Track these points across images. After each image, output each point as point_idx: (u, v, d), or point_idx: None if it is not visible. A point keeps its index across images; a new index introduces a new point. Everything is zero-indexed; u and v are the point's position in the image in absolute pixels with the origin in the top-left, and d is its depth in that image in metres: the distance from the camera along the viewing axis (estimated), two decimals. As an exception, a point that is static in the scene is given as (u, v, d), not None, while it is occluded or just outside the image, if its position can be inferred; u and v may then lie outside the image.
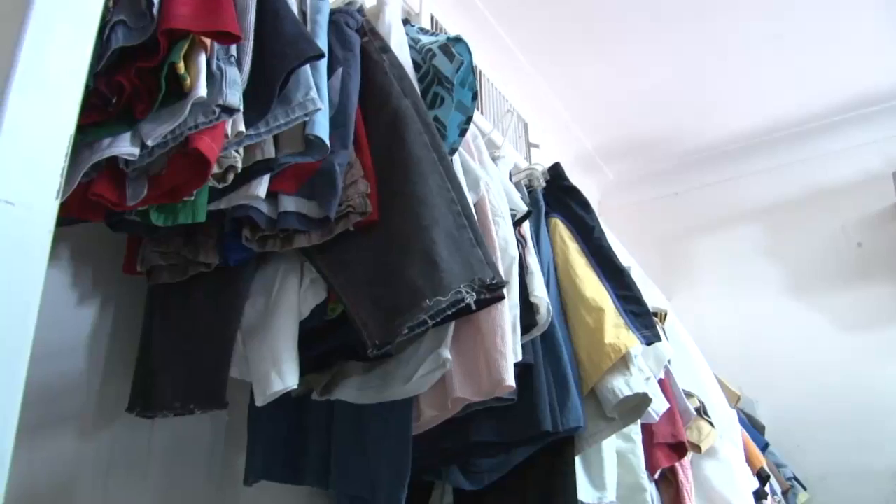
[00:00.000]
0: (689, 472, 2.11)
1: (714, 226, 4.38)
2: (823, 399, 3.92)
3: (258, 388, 1.15)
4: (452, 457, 1.53)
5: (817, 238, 4.14)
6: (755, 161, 4.33)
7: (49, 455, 1.31)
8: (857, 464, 3.81)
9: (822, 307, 4.06)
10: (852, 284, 4.03)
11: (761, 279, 4.18)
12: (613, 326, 1.64)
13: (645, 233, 4.27)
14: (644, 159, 4.34)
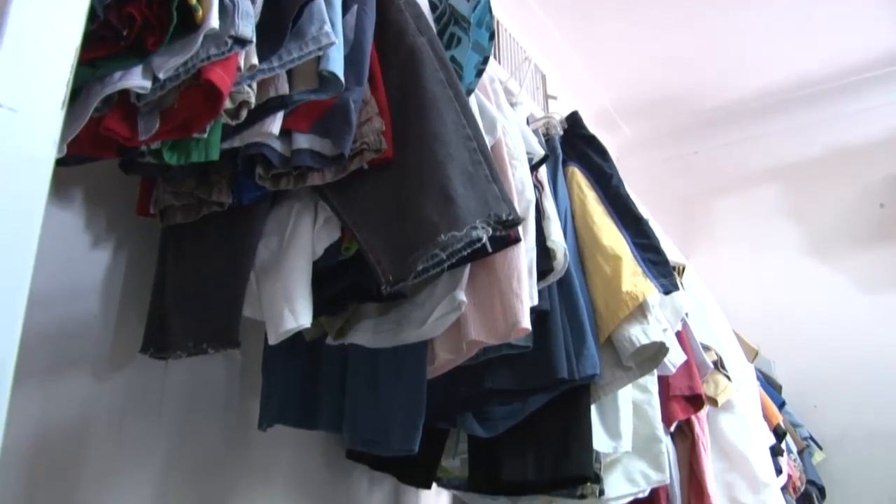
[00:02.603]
0: (704, 426, 2.09)
1: (734, 185, 4.33)
2: (842, 360, 3.89)
3: (271, 326, 1.14)
4: (467, 404, 1.52)
5: (839, 198, 4.09)
6: (776, 120, 4.27)
7: (63, 397, 1.31)
8: (874, 425, 3.79)
9: (842, 268, 4.02)
10: (874, 245, 3.98)
11: (781, 239, 4.14)
12: (631, 274, 1.61)
13: (664, 192, 4.22)
14: (663, 118, 4.28)
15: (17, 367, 1.24)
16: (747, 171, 4.30)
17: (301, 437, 1.69)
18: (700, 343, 2.09)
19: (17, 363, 1.19)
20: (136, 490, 1.39)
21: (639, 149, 4.43)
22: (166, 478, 1.44)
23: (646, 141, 4.42)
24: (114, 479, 1.36)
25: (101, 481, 1.34)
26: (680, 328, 1.95)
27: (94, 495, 1.33)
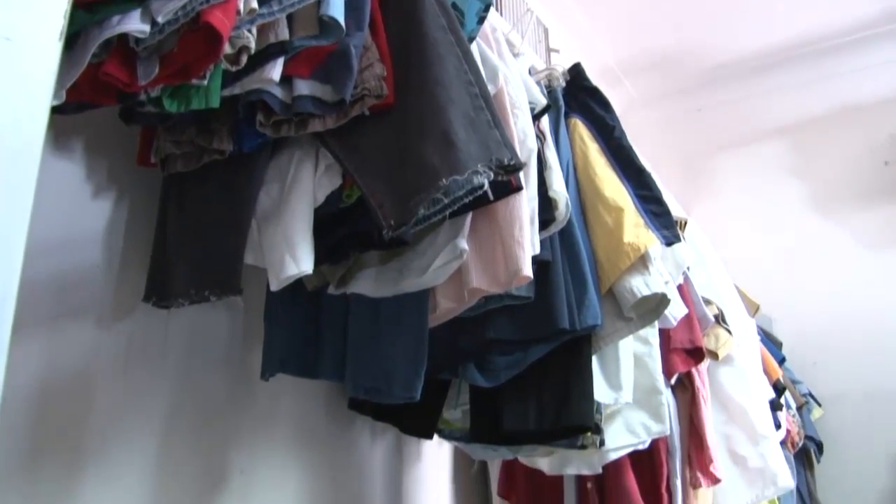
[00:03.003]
0: (705, 379, 2.10)
1: (738, 143, 4.31)
2: (843, 318, 3.91)
3: (273, 272, 1.14)
4: (469, 354, 1.53)
5: (843, 156, 4.07)
6: (781, 77, 4.23)
7: (67, 345, 1.32)
8: (873, 382, 3.81)
9: (846, 225, 4.02)
10: (878, 203, 3.97)
11: (785, 197, 4.13)
12: (633, 226, 1.61)
13: (667, 149, 4.20)
14: (667, 74, 4.24)
15: (21, 315, 1.24)
16: (751, 129, 4.27)
17: (303, 387, 1.70)
18: (701, 297, 2.09)
19: (21, 311, 1.20)
20: (141, 438, 1.41)
21: (642, 106, 4.39)
22: (170, 426, 1.46)
23: (649, 98, 4.39)
24: (119, 426, 1.37)
25: (107, 428, 1.36)
26: (681, 281, 1.95)
27: (100, 442, 1.34)
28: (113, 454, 1.36)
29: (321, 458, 1.76)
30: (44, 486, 1.24)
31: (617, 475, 1.98)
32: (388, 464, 1.98)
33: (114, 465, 1.35)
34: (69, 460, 1.29)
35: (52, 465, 1.26)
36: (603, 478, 1.99)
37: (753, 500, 2.18)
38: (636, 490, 1.98)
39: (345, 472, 1.83)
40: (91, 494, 1.30)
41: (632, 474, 1.99)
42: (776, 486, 2.17)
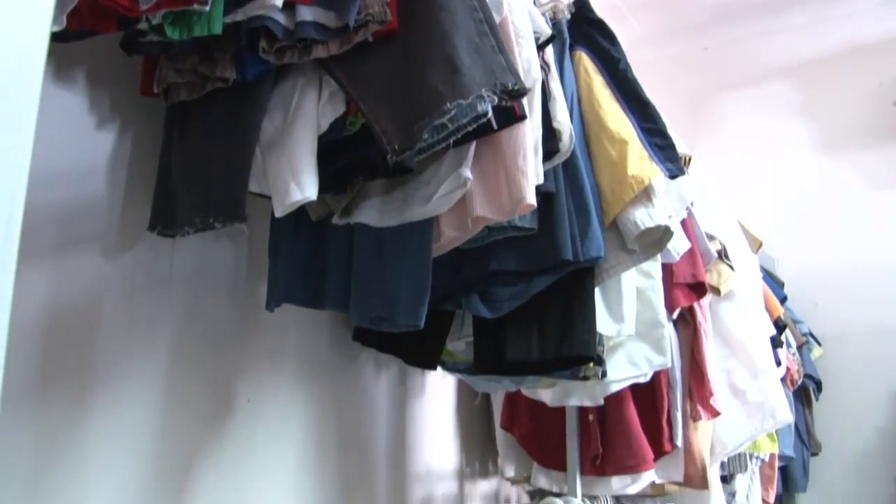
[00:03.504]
0: (706, 314, 2.12)
1: (744, 82, 4.27)
2: (846, 258, 3.92)
3: (277, 199, 1.14)
4: (472, 286, 1.54)
5: (851, 96, 4.04)
6: (788, 16, 4.16)
7: (73, 275, 1.33)
8: (875, 322, 3.84)
9: (852, 166, 4.00)
10: (884, 144, 3.95)
11: (790, 137, 4.11)
12: (637, 158, 1.61)
13: (672, 89, 4.16)
14: (673, 11, 4.18)
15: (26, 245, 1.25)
16: (758, 68, 4.23)
17: (308, 320, 1.72)
18: (704, 232, 2.10)
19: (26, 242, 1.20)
20: (148, 366, 1.42)
21: (647, 43, 4.33)
22: (177, 355, 1.47)
23: (655, 35, 4.33)
24: (126, 355, 1.39)
25: (114, 357, 1.37)
26: (685, 216, 1.95)
27: (108, 371, 1.36)
28: (120, 383, 1.38)
29: (326, 388, 1.78)
30: (53, 413, 1.27)
31: (618, 408, 2.01)
32: (392, 396, 2.01)
33: (121, 393, 1.37)
34: (77, 388, 1.31)
35: (61, 392, 1.28)
36: (604, 410, 2.02)
37: (752, 433, 2.21)
38: (637, 422, 2.01)
39: (349, 403, 1.86)
40: (99, 422, 1.33)
41: (633, 407, 2.02)
42: (775, 420, 2.20)
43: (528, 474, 2.22)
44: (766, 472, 3.05)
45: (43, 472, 1.24)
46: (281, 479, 1.65)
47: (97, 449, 1.32)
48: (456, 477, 2.24)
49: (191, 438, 1.48)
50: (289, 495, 1.66)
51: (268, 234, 1.54)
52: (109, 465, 1.33)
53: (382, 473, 1.94)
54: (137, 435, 1.39)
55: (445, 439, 2.22)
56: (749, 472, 2.79)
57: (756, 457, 2.63)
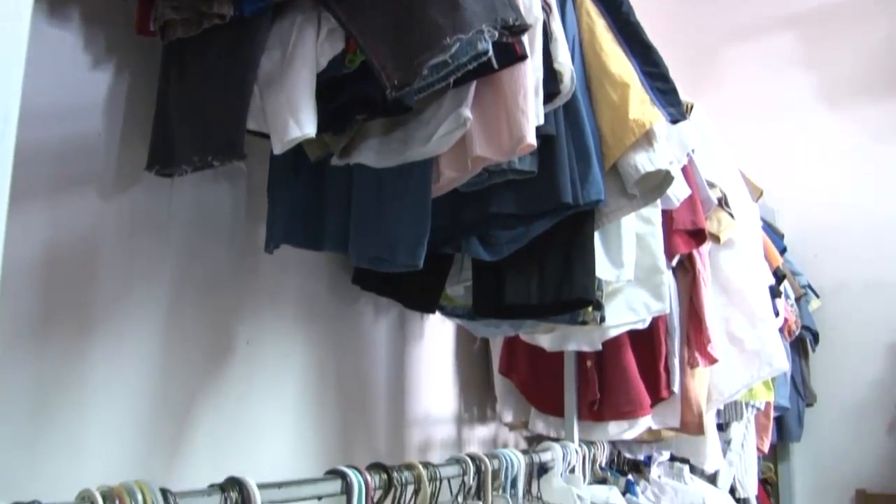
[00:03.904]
0: (706, 261, 2.12)
1: (747, 32, 4.23)
2: (847, 211, 3.92)
3: (275, 135, 1.13)
4: (471, 229, 1.54)
5: (855, 48, 4.00)
6: (792, -35, 4.13)
7: (70, 215, 1.32)
8: (873, 274, 3.85)
9: (855, 118, 3.98)
10: (889, 97, 3.92)
11: (793, 88, 4.08)
12: (639, 102, 1.59)
13: (672, 38, 4.11)
14: (676, -40, 4.13)
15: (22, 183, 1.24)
16: (761, 18, 4.18)
17: (307, 262, 1.72)
18: (705, 179, 2.09)
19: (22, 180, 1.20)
20: (147, 307, 1.42)
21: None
22: (176, 296, 1.47)
23: (657, -15, 4.29)
24: (125, 296, 1.39)
25: (113, 297, 1.37)
26: (685, 163, 1.94)
27: (107, 311, 1.36)
28: (119, 323, 1.38)
29: (325, 332, 1.79)
30: (53, 352, 1.27)
31: (616, 354, 2.02)
32: (392, 341, 2.01)
33: (121, 334, 1.38)
34: (77, 328, 1.31)
35: (61, 332, 1.29)
36: (602, 356, 2.03)
37: (749, 380, 2.23)
38: (635, 368, 2.02)
39: (348, 346, 1.87)
40: (99, 363, 1.33)
41: (631, 353, 2.03)
42: (771, 367, 2.22)
43: (526, 420, 2.24)
44: (762, 420, 3.09)
45: (44, 410, 1.25)
46: (280, 421, 1.66)
47: (97, 390, 1.33)
48: (454, 421, 2.26)
49: (190, 380, 1.49)
50: (288, 437, 1.67)
51: (266, 177, 1.53)
52: (109, 406, 1.34)
53: (381, 417, 1.96)
54: (137, 376, 1.40)
55: (444, 384, 2.23)
56: (745, 420, 2.82)
57: (752, 405, 2.65)
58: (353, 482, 1.18)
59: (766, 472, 3.73)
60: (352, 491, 1.18)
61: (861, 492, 3.85)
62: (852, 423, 3.87)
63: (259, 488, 1.03)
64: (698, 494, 2.28)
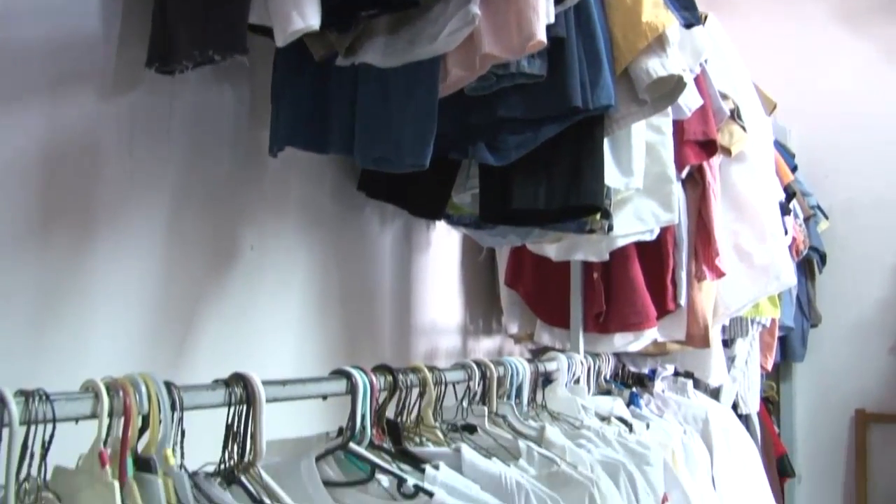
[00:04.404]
0: (716, 173, 2.10)
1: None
2: (859, 129, 3.86)
3: (278, 27, 1.10)
4: (479, 133, 1.51)
5: (875, -38, 3.89)
6: None
7: (71, 114, 1.29)
8: (884, 194, 3.82)
9: (872, 37, 3.89)
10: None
11: (808, 4, 3.99)
12: (652, 5, 1.55)
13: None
14: None
15: (18, 81, 1.21)
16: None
17: (312, 167, 1.69)
18: (717, 90, 2.05)
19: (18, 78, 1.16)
20: (149, 211, 1.40)
21: None
22: (179, 201, 1.46)
23: None
24: (127, 200, 1.37)
25: (115, 201, 1.35)
26: (698, 72, 1.90)
27: (109, 215, 1.34)
28: (120, 227, 1.36)
29: (330, 239, 1.78)
30: (55, 254, 1.25)
31: (623, 266, 2.01)
32: (397, 250, 2.00)
33: (122, 238, 1.36)
34: (77, 231, 1.29)
35: (62, 236, 1.27)
36: (609, 268, 2.02)
37: (756, 295, 2.22)
38: (642, 281, 2.02)
39: (354, 255, 1.86)
40: (101, 268, 1.31)
41: (638, 265, 2.02)
42: (779, 282, 2.21)
43: (531, 332, 2.24)
44: (766, 339, 3.09)
45: (46, 312, 1.24)
46: (284, 327, 1.66)
47: (99, 293, 1.32)
48: (459, 332, 2.27)
49: (193, 284, 1.48)
50: (292, 343, 1.67)
51: (269, 80, 1.50)
52: (112, 310, 1.33)
53: (387, 326, 1.96)
54: (140, 280, 1.39)
55: (450, 295, 2.23)
56: (749, 337, 2.82)
57: (757, 322, 2.65)
58: (357, 382, 1.18)
59: (768, 390, 3.77)
60: (356, 391, 1.17)
61: (861, 411, 3.89)
62: (855, 343, 3.89)
63: (263, 385, 1.03)
64: (701, 409, 2.29)
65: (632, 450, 1.63)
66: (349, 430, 1.17)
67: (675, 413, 2.24)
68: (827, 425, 3.95)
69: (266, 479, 1.02)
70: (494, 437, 1.42)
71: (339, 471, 1.16)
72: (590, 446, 1.54)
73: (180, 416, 0.93)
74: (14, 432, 0.77)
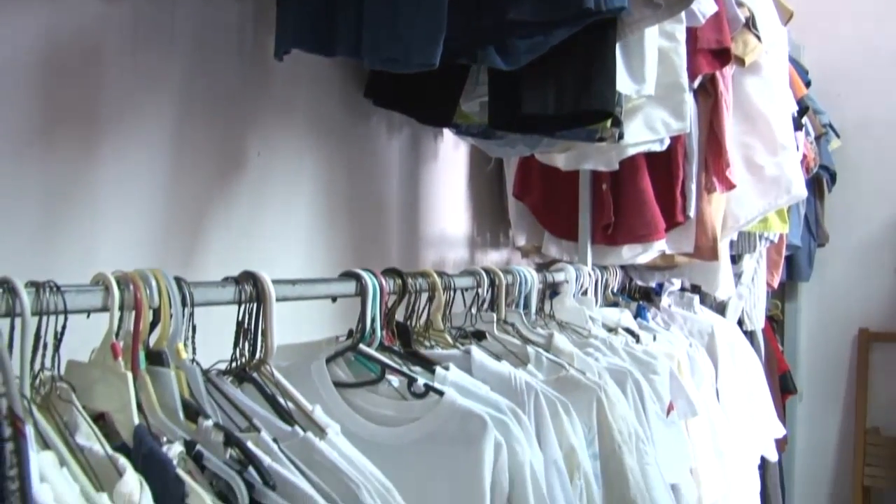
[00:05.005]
0: (728, 84, 2.06)
1: None
2: (875, 50, 3.80)
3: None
4: (488, 36, 1.47)
5: None
6: None
7: (72, 14, 1.26)
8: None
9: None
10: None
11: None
12: None
13: None
14: None
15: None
16: None
17: (319, 73, 1.67)
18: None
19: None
20: (154, 118, 1.38)
21: None
22: (184, 107, 1.43)
23: None
24: (131, 106, 1.34)
25: (119, 107, 1.32)
26: (712, -22, 1.85)
27: (113, 122, 1.31)
28: (127, 134, 1.34)
29: (337, 148, 1.76)
30: (60, 160, 1.24)
31: (632, 177, 1.99)
32: (405, 160, 1.98)
33: (127, 143, 1.34)
34: (83, 135, 1.28)
35: (67, 140, 1.25)
36: (618, 179, 2.01)
37: (766, 207, 2.21)
38: (651, 192, 2.00)
39: (361, 164, 1.84)
40: (107, 173, 1.30)
41: (647, 176, 2.00)
42: (790, 195, 2.19)
43: (539, 244, 2.24)
44: (773, 256, 3.09)
45: (54, 221, 1.23)
46: (293, 235, 1.65)
47: (106, 198, 1.30)
48: (467, 245, 2.27)
49: (200, 192, 1.47)
50: (300, 250, 1.67)
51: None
52: (119, 214, 1.32)
53: (394, 236, 1.95)
54: (146, 187, 1.37)
55: (457, 207, 2.22)
56: (756, 254, 2.82)
57: (765, 237, 2.64)
58: (367, 284, 1.17)
59: (773, 309, 3.78)
60: (366, 292, 1.17)
61: (864, 330, 3.92)
62: (861, 263, 3.90)
63: (273, 284, 1.03)
64: (707, 323, 2.30)
65: (638, 359, 1.64)
66: (359, 332, 1.18)
67: (681, 327, 2.25)
68: (830, 344, 3.99)
69: (278, 377, 1.02)
70: (503, 343, 1.43)
71: (349, 372, 1.17)
72: (597, 355, 1.55)
73: (191, 311, 0.93)
74: (26, 322, 0.77)
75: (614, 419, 1.38)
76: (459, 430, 1.06)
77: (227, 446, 0.82)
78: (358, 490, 0.86)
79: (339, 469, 0.88)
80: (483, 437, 1.05)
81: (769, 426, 2.50)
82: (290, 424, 0.93)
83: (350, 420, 1.08)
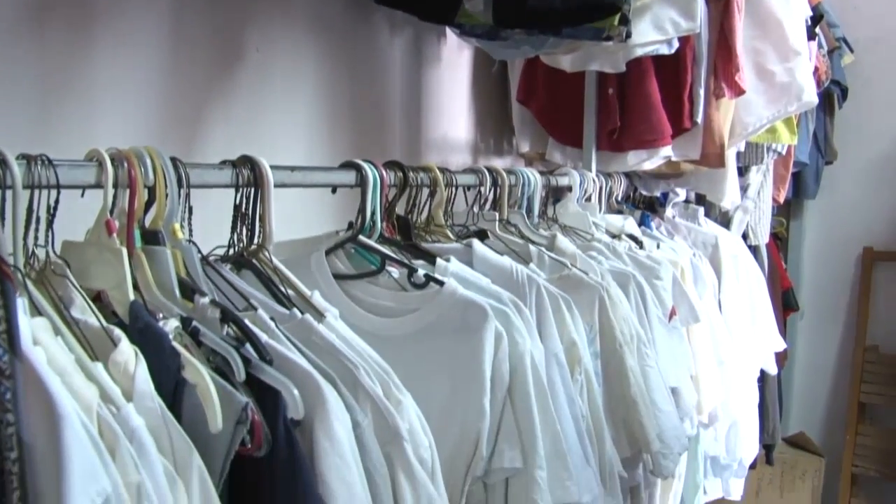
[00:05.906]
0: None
1: None
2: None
3: None
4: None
5: None
6: None
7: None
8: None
9: None
10: None
11: None
12: None
13: None
14: None
15: None
16: None
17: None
18: None
19: None
20: (150, 11, 1.34)
21: None
22: (182, 1, 1.39)
23: None
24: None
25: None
26: None
27: (108, 10, 1.28)
28: (124, 25, 1.31)
29: (338, 47, 1.71)
30: (55, 50, 1.20)
31: (639, 81, 1.95)
32: (407, 62, 1.94)
33: (125, 36, 1.31)
34: (79, 24, 1.24)
35: (62, 30, 1.21)
36: (624, 83, 1.96)
37: (775, 114, 2.16)
38: (658, 96, 1.96)
39: (363, 64, 1.80)
40: (104, 65, 1.26)
41: (654, 81, 1.96)
42: (800, 102, 2.14)
43: (543, 150, 2.20)
44: (780, 171, 3.06)
45: (49, 106, 1.20)
46: (292, 133, 1.63)
47: (103, 90, 1.27)
48: (470, 151, 2.23)
49: (199, 85, 1.44)
50: (300, 148, 1.64)
51: None
52: (116, 108, 1.29)
53: (396, 138, 1.92)
54: (143, 79, 1.34)
55: (460, 111, 2.18)
56: (763, 166, 2.79)
57: (773, 149, 2.60)
58: (367, 174, 1.15)
59: (778, 226, 3.76)
60: (366, 183, 1.15)
61: (868, 249, 3.90)
62: (869, 181, 3.86)
63: (271, 169, 1.01)
64: (711, 235, 2.28)
65: (642, 263, 1.63)
66: (359, 224, 1.16)
67: (685, 238, 2.23)
68: (834, 262, 3.97)
69: (276, 263, 1.01)
70: (505, 242, 1.41)
71: (349, 264, 1.16)
72: (600, 258, 1.53)
73: (187, 192, 0.91)
74: (17, 194, 0.75)
75: (616, 320, 1.37)
76: (460, 320, 1.06)
77: (223, 323, 0.81)
78: (356, 371, 0.86)
79: (337, 350, 0.88)
80: (483, 327, 1.04)
81: (770, 339, 2.50)
82: (288, 308, 0.93)
83: (349, 311, 1.07)
